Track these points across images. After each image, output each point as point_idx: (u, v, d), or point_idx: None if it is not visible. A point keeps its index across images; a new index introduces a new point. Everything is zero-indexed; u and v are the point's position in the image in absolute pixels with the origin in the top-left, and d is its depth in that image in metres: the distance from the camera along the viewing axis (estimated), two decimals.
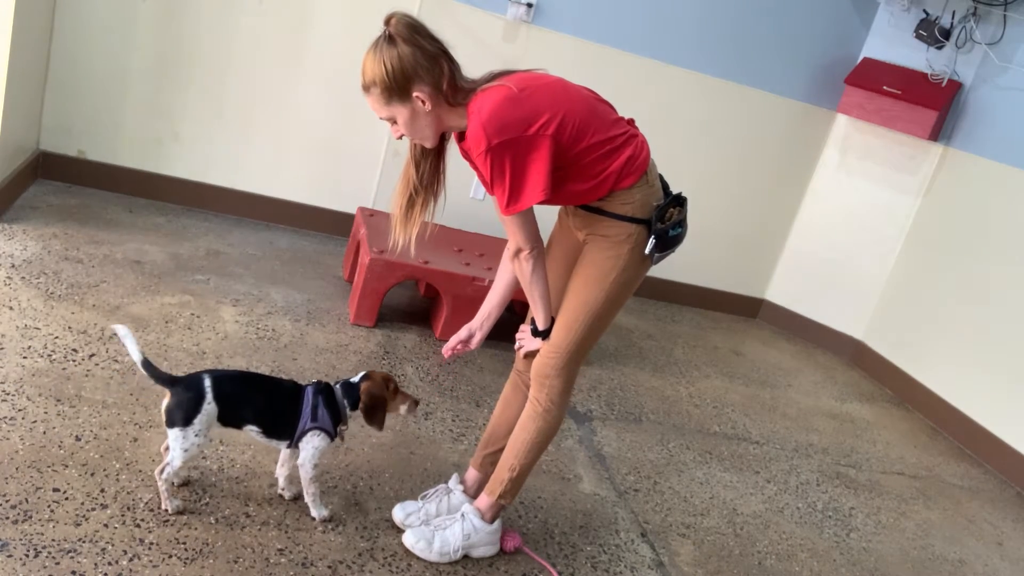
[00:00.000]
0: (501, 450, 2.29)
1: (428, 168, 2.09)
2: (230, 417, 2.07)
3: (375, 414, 2.16)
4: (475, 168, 2.09)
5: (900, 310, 4.56)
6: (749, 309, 5.12)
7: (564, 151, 1.95)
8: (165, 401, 2.02)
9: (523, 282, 2.09)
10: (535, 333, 2.19)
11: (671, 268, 4.71)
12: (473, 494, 2.36)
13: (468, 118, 1.93)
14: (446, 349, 2.29)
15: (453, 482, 2.38)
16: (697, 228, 4.73)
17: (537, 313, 2.15)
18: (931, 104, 4.24)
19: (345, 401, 2.16)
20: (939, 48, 4.35)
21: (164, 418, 2.02)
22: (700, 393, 3.79)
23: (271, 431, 2.13)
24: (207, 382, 2.02)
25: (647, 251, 2.07)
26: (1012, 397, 3.85)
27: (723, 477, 3.09)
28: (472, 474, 2.41)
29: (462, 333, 2.30)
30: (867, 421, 4.02)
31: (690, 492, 2.92)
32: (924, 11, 4.34)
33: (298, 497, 2.27)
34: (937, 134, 4.37)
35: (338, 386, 2.18)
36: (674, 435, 3.31)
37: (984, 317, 4.07)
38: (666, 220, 2.07)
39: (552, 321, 2.15)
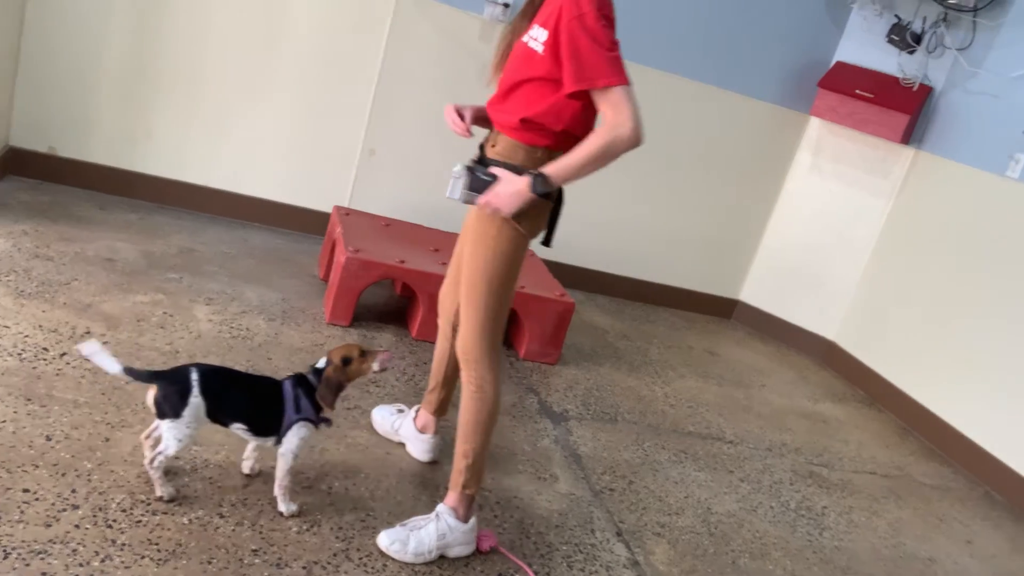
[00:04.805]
0: (438, 384, 2.58)
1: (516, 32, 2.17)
2: (216, 413, 2.08)
3: (329, 396, 2.17)
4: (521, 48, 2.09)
5: (871, 311, 4.61)
6: (724, 310, 5.15)
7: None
8: (151, 394, 2.03)
9: (603, 159, 1.98)
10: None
11: (646, 268, 4.75)
12: (421, 428, 2.64)
13: None
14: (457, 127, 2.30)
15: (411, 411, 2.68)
16: (672, 229, 4.78)
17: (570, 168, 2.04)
18: (903, 108, 4.30)
19: None
20: (911, 53, 4.41)
21: (154, 410, 2.03)
22: (675, 393, 3.81)
23: (258, 429, 2.14)
24: (194, 375, 2.03)
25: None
26: (981, 397, 3.91)
27: (698, 476, 3.11)
28: (423, 415, 2.67)
29: (452, 112, 2.30)
30: (839, 421, 4.06)
31: (665, 491, 2.94)
32: (896, 16, 4.40)
33: (260, 473, 2.31)
34: (908, 137, 4.42)
35: (310, 375, 2.19)
36: (649, 435, 3.33)
37: (953, 318, 4.13)
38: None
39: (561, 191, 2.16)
